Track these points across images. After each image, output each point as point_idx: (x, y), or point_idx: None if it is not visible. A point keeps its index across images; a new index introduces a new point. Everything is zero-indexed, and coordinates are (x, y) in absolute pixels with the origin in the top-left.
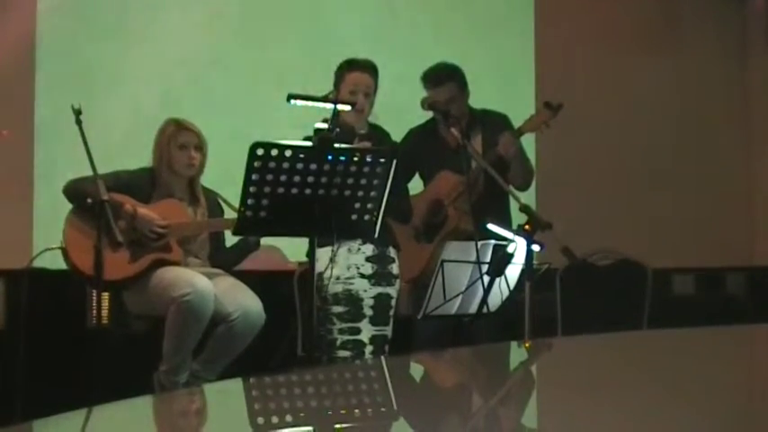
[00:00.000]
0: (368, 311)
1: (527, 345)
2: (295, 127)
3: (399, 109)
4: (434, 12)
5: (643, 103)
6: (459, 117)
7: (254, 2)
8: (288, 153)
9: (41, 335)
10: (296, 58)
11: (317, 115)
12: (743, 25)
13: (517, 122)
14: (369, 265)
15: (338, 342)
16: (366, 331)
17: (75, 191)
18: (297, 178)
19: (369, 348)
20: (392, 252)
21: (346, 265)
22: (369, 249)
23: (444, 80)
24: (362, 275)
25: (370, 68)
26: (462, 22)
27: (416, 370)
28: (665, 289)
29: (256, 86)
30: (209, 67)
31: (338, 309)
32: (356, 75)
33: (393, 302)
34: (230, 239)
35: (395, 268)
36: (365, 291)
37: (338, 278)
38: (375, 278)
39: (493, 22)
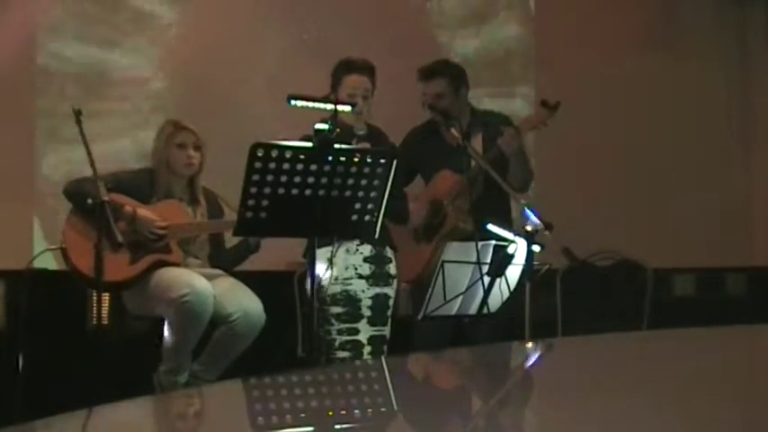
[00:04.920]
0: (366, 312)
1: (527, 345)
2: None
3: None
4: (433, 9)
5: (643, 104)
6: (458, 116)
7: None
8: (288, 154)
9: (41, 335)
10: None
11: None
12: (743, 25)
13: (516, 123)
14: (366, 265)
15: (337, 343)
16: (364, 332)
17: (75, 191)
18: (297, 179)
19: (367, 349)
20: (389, 252)
21: (344, 265)
22: (366, 250)
23: (435, 74)
24: (360, 276)
25: (367, 70)
26: (462, 21)
27: (417, 371)
28: (665, 289)
29: (256, 87)
30: (209, 67)
31: (336, 309)
32: (354, 77)
33: (391, 303)
34: (230, 240)
35: (392, 268)
36: (363, 291)
37: (336, 279)
38: (373, 279)
39: (493, 21)
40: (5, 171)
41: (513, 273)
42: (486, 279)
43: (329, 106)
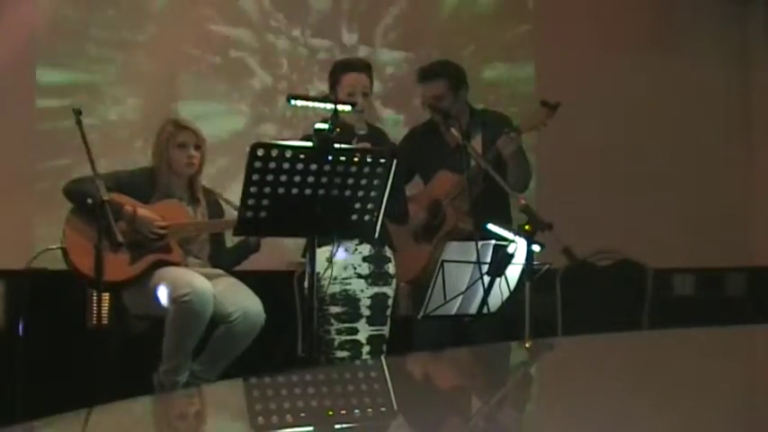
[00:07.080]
0: (365, 311)
1: (527, 345)
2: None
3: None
4: (434, 13)
5: (643, 103)
6: (458, 116)
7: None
8: (288, 153)
9: (41, 335)
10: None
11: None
12: (743, 25)
13: (516, 123)
14: (366, 265)
15: (336, 342)
16: (363, 331)
17: (75, 191)
18: (297, 179)
19: (366, 348)
20: (388, 252)
21: (343, 265)
22: (366, 249)
23: (434, 76)
24: (359, 275)
25: (365, 68)
26: (462, 22)
27: (416, 370)
28: (665, 289)
29: (257, 86)
30: (210, 66)
31: (335, 309)
32: (352, 76)
33: (390, 302)
34: (231, 240)
35: (391, 268)
36: (362, 291)
37: (335, 278)
38: (372, 278)
39: (493, 22)
40: (5, 171)
41: (513, 272)
42: (486, 279)
43: (329, 106)
